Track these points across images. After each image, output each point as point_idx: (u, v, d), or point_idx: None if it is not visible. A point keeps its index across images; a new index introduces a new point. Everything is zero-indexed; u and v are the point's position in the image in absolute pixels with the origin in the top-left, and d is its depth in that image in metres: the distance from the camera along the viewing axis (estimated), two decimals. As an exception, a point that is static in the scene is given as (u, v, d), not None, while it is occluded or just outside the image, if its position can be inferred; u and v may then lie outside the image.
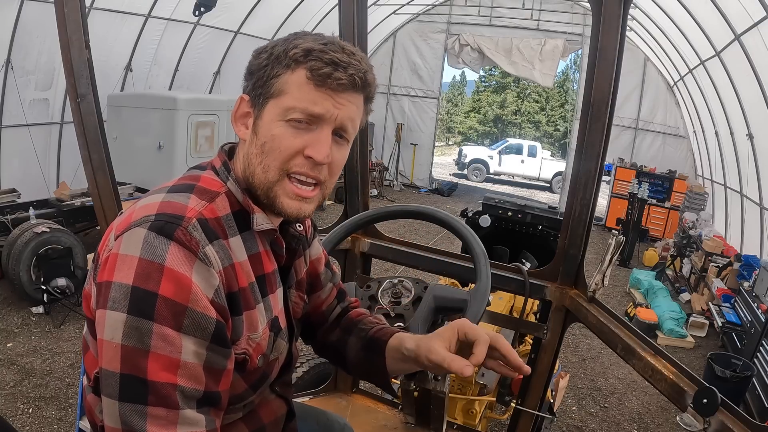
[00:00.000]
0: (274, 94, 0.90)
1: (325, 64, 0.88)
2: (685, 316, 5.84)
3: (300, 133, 0.90)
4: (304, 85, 0.89)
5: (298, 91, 0.89)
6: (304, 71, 0.89)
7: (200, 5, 5.95)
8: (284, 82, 0.90)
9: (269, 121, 0.91)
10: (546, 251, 2.93)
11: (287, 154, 0.90)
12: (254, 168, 0.92)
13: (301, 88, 0.89)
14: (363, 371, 1.20)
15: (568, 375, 3.72)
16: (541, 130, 31.49)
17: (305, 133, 0.90)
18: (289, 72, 0.90)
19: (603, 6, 1.62)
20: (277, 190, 0.92)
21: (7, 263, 4.56)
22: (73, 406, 3.39)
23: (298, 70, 0.89)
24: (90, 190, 1.72)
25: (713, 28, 6.65)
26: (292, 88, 0.89)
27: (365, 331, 1.21)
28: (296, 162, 0.91)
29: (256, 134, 0.92)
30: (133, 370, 0.77)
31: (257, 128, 0.92)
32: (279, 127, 0.90)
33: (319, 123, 0.91)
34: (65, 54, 1.57)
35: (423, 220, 1.90)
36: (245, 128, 0.95)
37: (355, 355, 1.20)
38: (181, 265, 0.80)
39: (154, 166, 6.23)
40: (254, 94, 0.93)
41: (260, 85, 0.92)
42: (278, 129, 0.90)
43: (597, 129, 1.71)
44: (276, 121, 0.90)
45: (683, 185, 9.99)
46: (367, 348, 1.18)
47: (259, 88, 0.92)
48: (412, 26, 12.41)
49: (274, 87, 0.90)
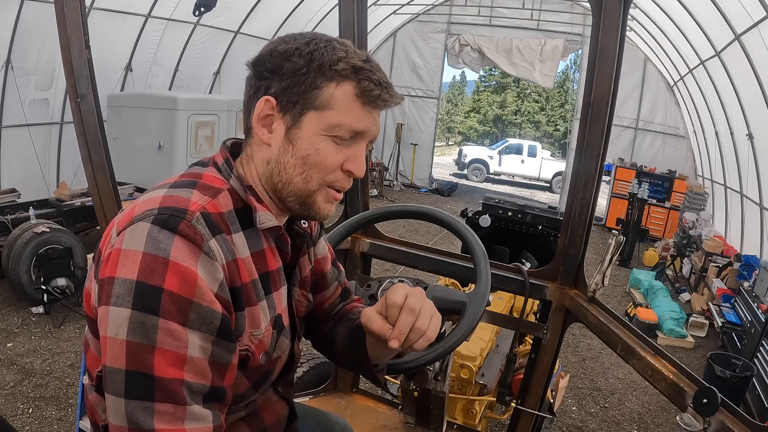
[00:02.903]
0: (318, 106, 0.90)
1: (375, 85, 0.91)
2: (685, 316, 5.84)
3: (341, 148, 0.93)
4: (352, 103, 0.91)
5: (345, 108, 0.90)
6: (351, 87, 0.90)
7: (200, 5, 5.95)
8: (330, 96, 0.90)
9: (312, 134, 0.91)
10: (546, 251, 2.93)
11: (331, 168, 0.94)
12: (291, 177, 0.93)
13: (349, 105, 0.91)
14: (348, 359, 1.19)
15: (568, 375, 3.72)
16: (541, 130, 31.49)
17: (345, 148, 0.94)
18: (333, 85, 0.90)
19: (603, 6, 1.62)
20: (316, 197, 0.96)
21: (7, 263, 4.56)
22: (73, 406, 3.39)
23: (344, 84, 0.90)
24: (90, 190, 1.72)
25: (713, 28, 6.65)
26: (339, 103, 0.90)
27: (353, 321, 1.21)
28: (336, 176, 0.95)
29: (293, 144, 0.92)
30: (139, 366, 0.76)
31: (294, 138, 0.92)
32: (323, 141, 0.92)
33: (359, 139, 0.94)
34: (65, 54, 1.57)
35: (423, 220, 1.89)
36: (270, 133, 0.94)
37: (341, 343, 1.20)
38: (185, 259, 0.80)
39: (154, 166, 6.22)
40: (286, 99, 0.91)
41: (297, 92, 0.90)
42: (323, 143, 0.92)
43: (597, 129, 1.71)
44: (320, 135, 0.91)
45: (683, 185, 9.99)
46: (352, 336, 1.17)
47: (295, 95, 0.90)
48: (412, 26, 12.41)
49: (318, 99, 0.90)
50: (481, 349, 2.54)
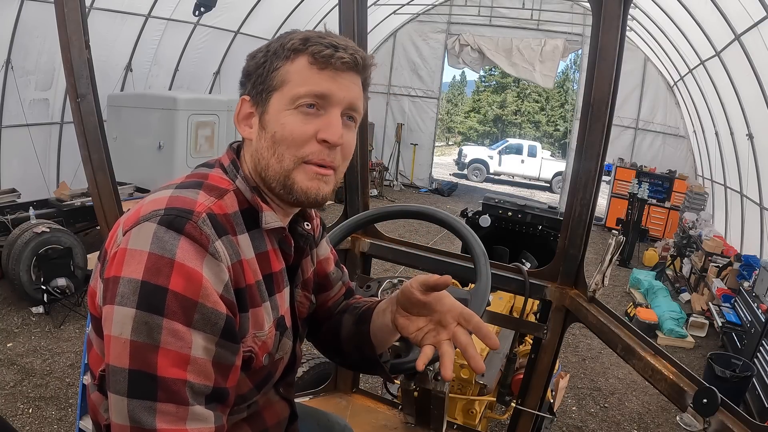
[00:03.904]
0: (276, 86, 0.91)
1: (325, 47, 0.90)
2: (685, 316, 5.84)
3: (310, 119, 0.91)
4: (307, 70, 0.91)
5: (301, 77, 0.90)
6: (304, 57, 0.91)
7: (200, 5, 5.95)
8: (285, 72, 0.91)
9: (276, 112, 0.91)
10: (546, 251, 2.93)
11: (300, 140, 0.90)
12: (267, 160, 0.92)
13: (304, 73, 0.90)
14: (352, 346, 1.17)
15: (568, 375, 3.72)
16: (541, 130, 31.49)
17: (315, 118, 0.91)
18: (288, 62, 0.91)
19: (603, 6, 1.62)
20: (295, 176, 0.92)
21: (7, 263, 4.56)
22: (73, 406, 3.39)
23: (298, 58, 0.91)
24: (90, 190, 1.72)
25: (713, 28, 6.65)
26: (294, 76, 0.91)
27: (358, 309, 1.21)
28: (311, 148, 0.91)
29: (264, 128, 0.93)
30: (143, 365, 0.76)
31: (264, 123, 0.93)
32: (288, 115, 0.91)
33: (328, 106, 0.92)
34: (65, 54, 1.57)
35: (423, 220, 1.90)
36: (249, 128, 0.96)
37: (347, 330, 1.19)
38: (191, 260, 0.80)
39: (154, 166, 6.22)
40: (255, 92, 0.94)
41: (260, 82, 0.93)
42: (287, 117, 0.91)
43: (597, 129, 1.71)
44: (284, 111, 0.91)
45: (683, 185, 9.99)
46: (358, 321, 1.17)
47: (259, 85, 0.93)
48: (412, 26, 12.41)
49: (276, 79, 0.91)
50: (481, 349, 2.54)
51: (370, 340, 1.11)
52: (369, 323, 1.12)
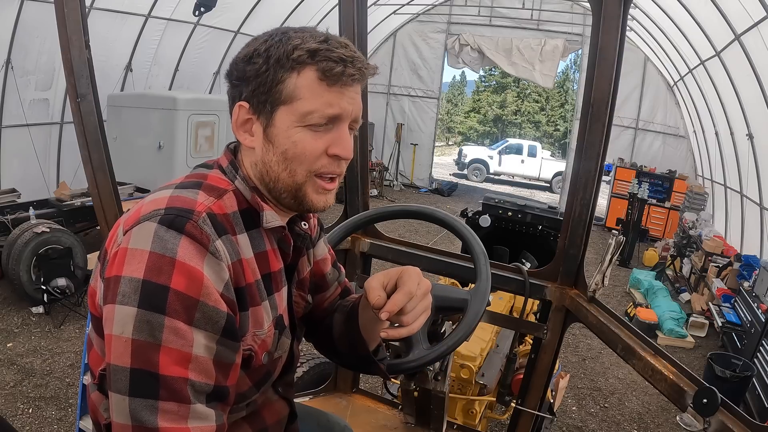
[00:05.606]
0: (284, 100, 0.90)
1: (335, 63, 0.88)
2: (685, 316, 5.84)
3: (320, 135, 0.91)
4: (317, 87, 0.89)
5: (311, 94, 0.89)
6: (313, 72, 0.89)
7: (200, 5, 5.94)
8: (293, 87, 0.89)
9: (286, 128, 0.91)
10: (546, 251, 2.93)
11: (313, 156, 0.92)
12: (278, 174, 0.93)
13: (314, 90, 0.89)
14: (345, 344, 1.18)
15: (568, 375, 3.72)
16: (541, 130, 31.49)
17: (325, 133, 0.92)
18: (295, 75, 0.89)
19: (603, 6, 1.62)
20: (306, 189, 0.94)
21: (7, 263, 4.56)
22: (73, 406, 3.39)
23: (306, 71, 0.89)
24: (90, 190, 1.72)
25: (713, 28, 6.65)
26: (303, 92, 0.89)
27: (347, 306, 1.21)
28: (322, 162, 0.93)
29: (272, 143, 0.92)
30: (145, 364, 0.77)
31: (271, 137, 0.92)
32: (298, 132, 0.90)
33: (337, 122, 0.92)
34: (65, 54, 1.57)
35: (423, 220, 1.90)
36: (250, 136, 0.95)
37: (338, 328, 1.20)
38: (192, 259, 0.80)
39: (154, 166, 6.23)
40: (257, 101, 0.92)
41: (263, 92, 0.90)
42: (298, 135, 0.90)
43: (597, 129, 1.71)
44: (294, 128, 0.90)
45: (683, 185, 9.99)
46: (347, 318, 1.17)
47: (262, 95, 0.91)
48: (412, 26, 12.41)
49: (283, 93, 0.89)
50: (481, 349, 2.54)
51: (361, 336, 1.12)
52: (357, 319, 1.13)
